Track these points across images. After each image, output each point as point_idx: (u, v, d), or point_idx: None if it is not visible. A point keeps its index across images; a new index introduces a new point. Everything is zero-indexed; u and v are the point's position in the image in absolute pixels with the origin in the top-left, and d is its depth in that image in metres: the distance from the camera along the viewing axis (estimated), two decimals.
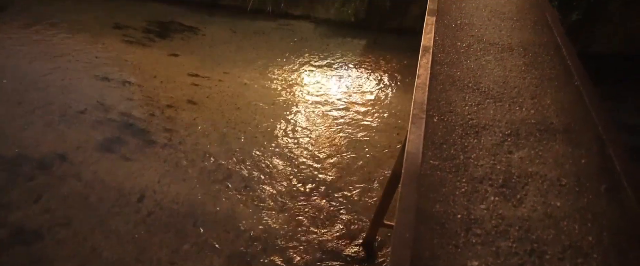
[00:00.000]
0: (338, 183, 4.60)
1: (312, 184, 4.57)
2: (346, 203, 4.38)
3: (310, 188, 4.52)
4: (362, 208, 4.35)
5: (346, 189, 4.54)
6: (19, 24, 7.50)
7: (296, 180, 4.61)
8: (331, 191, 4.50)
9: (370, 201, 4.41)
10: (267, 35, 7.62)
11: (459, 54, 3.40)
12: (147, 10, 8.13)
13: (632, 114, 5.26)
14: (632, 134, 4.70)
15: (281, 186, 4.54)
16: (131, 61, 6.61)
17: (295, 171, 4.72)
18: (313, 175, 4.68)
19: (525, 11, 4.05)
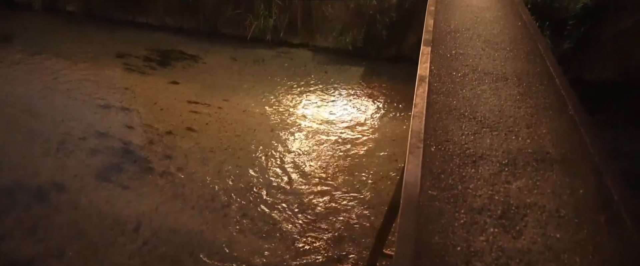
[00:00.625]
0: (337, 210, 4.56)
1: (311, 211, 4.53)
2: (345, 230, 4.33)
3: (309, 216, 4.48)
4: (361, 235, 4.29)
5: (345, 216, 4.50)
6: (23, 53, 7.64)
7: (295, 208, 4.57)
8: (330, 218, 4.45)
9: (370, 228, 4.35)
10: (266, 63, 7.75)
11: (454, 84, 3.46)
12: (149, 40, 8.31)
13: (626, 141, 5.30)
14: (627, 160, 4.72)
15: (280, 214, 4.50)
16: (132, 88, 6.69)
17: (294, 198, 4.69)
18: (312, 202, 4.64)
19: (518, 41, 4.15)
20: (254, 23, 8.23)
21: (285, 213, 4.51)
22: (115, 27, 8.76)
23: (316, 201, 4.68)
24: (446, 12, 5.08)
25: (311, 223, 4.42)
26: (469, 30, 4.46)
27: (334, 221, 4.44)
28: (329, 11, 7.99)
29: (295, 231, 4.32)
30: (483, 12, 4.95)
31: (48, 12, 9.15)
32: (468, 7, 5.16)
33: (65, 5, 9.21)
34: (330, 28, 8.11)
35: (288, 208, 4.58)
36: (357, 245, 4.23)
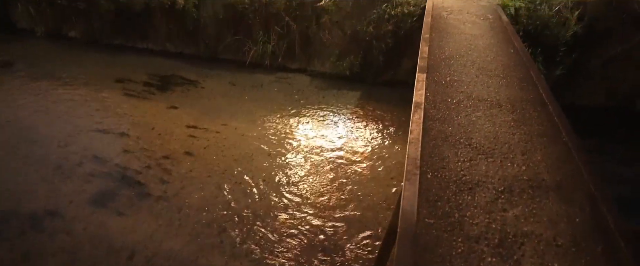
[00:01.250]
0: (334, 235, 4.51)
1: (309, 238, 4.48)
2: (343, 258, 4.27)
3: (306, 242, 4.42)
4: (359, 263, 4.22)
5: (342, 242, 4.44)
6: (23, 78, 7.72)
7: (292, 234, 4.52)
8: (328, 244, 4.40)
9: (368, 255, 4.29)
10: (265, 87, 7.84)
11: (449, 110, 3.51)
12: (149, 65, 8.43)
13: (619, 165, 5.34)
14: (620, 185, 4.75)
15: (277, 240, 4.44)
16: (130, 113, 6.73)
17: (291, 224, 4.65)
18: (309, 229, 4.59)
19: (511, 68, 4.25)
20: (253, 49, 8.38)
21: (282, 240, 4.45)
22: (116, 53, 8.90)
23: (314, 227, 4.63)
24: (440, 39, 5.21)
25: (309, 250, 4.36)
26: (463, 58, 4.57)
27: (332, 248, 4.38)
28: (326, 37, 8.15)
29: (292, 258, 4.25)
30: (476, 40, 5.09)
31: (50, 38, 9.30)
32: (462, 35, 5.30)
33: (67, 31, 9.38)
34: (327, 53, 8.25)
35: (285, 234, 4.52)
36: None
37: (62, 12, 9.06)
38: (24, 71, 8.00)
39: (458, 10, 6.33)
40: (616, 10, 5.88)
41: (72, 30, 9.31)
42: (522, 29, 6.12)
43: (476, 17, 6.02)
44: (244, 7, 8.15)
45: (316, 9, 7.95)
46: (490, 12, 6.18)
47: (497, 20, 5.81)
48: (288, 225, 4.63)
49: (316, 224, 4.66)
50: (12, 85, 7.47)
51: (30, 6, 9.05)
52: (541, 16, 6.13)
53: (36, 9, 9.06)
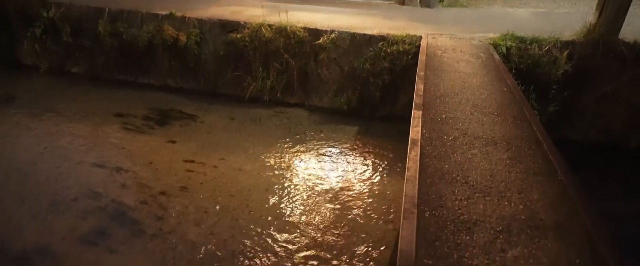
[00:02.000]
0: None
1: None
2: None
3: None
4: None
5: None
6: (23, 113, 7.78)
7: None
8: None
9: None
10: (263, 122, 7.92)
11: (446, 147, 3.55)
12: (149, 99, 8.55)
13: (615, 202, 5.33)
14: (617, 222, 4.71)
15: None
16: (128, 147, 6.74)
17: (289, 263, 4.54)
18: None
19: (505, 106, 4.34)
20: (252, 84, 8.54)
21: None
22: (117, 88, 9.05)
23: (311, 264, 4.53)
24: (435, 77, 5.35)
25: None
26: (457, 95, 4.67)
27: None
28: (324, 73, 8.33)
29: None
30: (470, 78, 5.22)
31: (53, 74, 9.47)
32: (456, 73, 5.45)
33: (70, 67, 9.58)
34: (325, 89, 8.41)
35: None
36: None
37: (66, 49, 9.30)
38: (24, 105, 8.09)
39: (451, 49, 6.54)
40: (603, 51, 6.09)
41: (75, 66, 9.51)
42: (514, 67, 6.30)
43: (469, 55, 6.21)
44: (245, 44, 8.39)
45: (314, 47, 8.19)
46: (483, 51, 6.38)
47: (489, 59, 6.00)
48: (284, 264, 4.52)
49: (313, 263, 4.55)
50: (11, 120, 7.53)
51: (36, 44, 9.29)
52: (532, 55, 6.34)
53: (42, 46, 9.30)
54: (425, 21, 8.69)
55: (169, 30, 8.58)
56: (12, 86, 8.92)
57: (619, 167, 6.28)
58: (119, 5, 9.10)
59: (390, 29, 7.99)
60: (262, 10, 8.90)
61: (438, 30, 7.92)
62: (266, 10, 8.96)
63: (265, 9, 9.00)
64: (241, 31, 8.37)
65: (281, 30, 8.15)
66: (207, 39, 8.68)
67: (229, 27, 8.52)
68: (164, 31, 8.54)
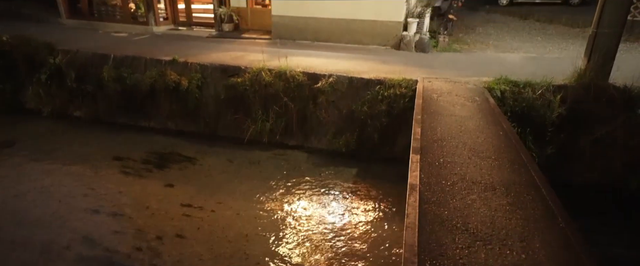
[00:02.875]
0: None
1: None
2: None
3: None
4: None
5: None
6: (23, 158, 7.80)
7: None
8: None
9: None
10: (262, 164, 7.91)
11: (444, 193, 3.53)
12: (149, 143, 8.59)
13: (617, 247, 5.21)
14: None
15: None
16: (126, 192, 6.68)
17: None
18: None
19: (502, 150, 4.36)
20: (252, 126, 8.62)
21: None
22: (118, 131, 9.12)
23: None
24: (432, 120, 5.42)
25: None
26: (454, 139, 4.71)
27: None
28: (323, 115, 8.44)
29: None
30: (466, 121, 5.30)
31: (56, 118, 9.59)
32: (452, 117, 5.53)
33: (73, 111, 9.72)
34: (324, 131, 8.48)
35: None
36: None
37: (69, 94, 9.49)
38: (23, 149, 8.12)
39: (447, 93, 6.68)
40: (595, 95, 6.24)
41: (78, 110, 9.65)
42: (509, 110, 6.41)
43: (464, 99, 6.34)
44: (245, 88, 8.57)
45: (313, 90, 8.36)
46: (478, 95, 6.52)
47: (484, 103, 6.12)
48: None
49: None
50: (9, 164, 7.52)
51: (40, 89, 9.49)
52: (526, 98, 6.47)
53: (46, 91, 9.50)
54: (421, 65, 8.95)
55: (172, 75, 8.80)
56: (13, 130, 9.00)
57: (620, 210, 6.20)
58: (124, 51, 9.42)
59: (387, 72, 8.21)
60: (262, 55, 9.19)
61: (433, 74, 8.13)
62: (266, 55, 9.25)
63: (266, 54, 9.29)
64: (242, 75, 8.58)
65: (281, 74, 8.36)
66: (209, 83, 8.88)
67: (230, 71, 8.75)
68: (167, 76, 8.76)
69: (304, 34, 11.62)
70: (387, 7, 10.60)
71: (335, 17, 11.16)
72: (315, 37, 11.54)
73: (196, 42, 11.42)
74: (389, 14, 10.66)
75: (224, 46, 10.93)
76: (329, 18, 11.22)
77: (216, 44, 11.10)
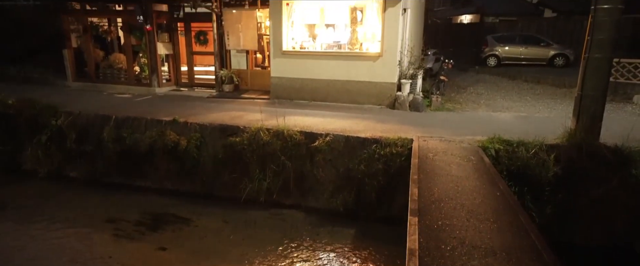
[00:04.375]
0: None
1: None
2: None
3: None
4: None
5: None
6: (14, 221, 7.62)
7: None
8: None
9: None
10: (258, 225, 7.75)
11: (444, 258, 3.44)
12: (144, 203, 8.47)
13: None
14: None
15: None
16: (116, 256, 6.44)
17: None
18: None
19: (500, 212, 4.33)
20: (249, 186, 8.57)
21: None
22: (113, 192, 9.03)
23: None
24: (428, 180, 5.43)
25: None
26: (452, 200, 4.69)
27: None
28: (320, 174, 8.44)
29: None
30: (463, 181, 5.31)
31: (51, 179, 9.53)
32: (448, 176, 5.55)
33: (69, 171, 9.70)
34: (321, 190, 8.43)
35: None
36: None
37: (67, 154, 9.54)
38: (14, 213, 7.96)
39: (443, 152, 6.77)
40: (587, 155, 6.33)
41: (74, 170, 9.64)
42: (505, 169, 6.46)
43: (460, 158, 6.41)
44: (243, 147, 8.67)
45: (310, 149, 8.45)
46: (473, 154, 6.61)
47: (480, 162, 6.18)
48: None
49: None
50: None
51: (39, 150, 9.56)
52: (520, 158, 6.55)
53: (45, 152, 9.56)
54: (415, 124, 9.17)
55: (171, 135, 8.94)
56: (6, 193, 8.89)
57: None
58: (126, 112, 9.65)
59: (383, 131, 8.38)
60: (261, 115, 9.43)
61: (428, 132, 8.30)
62: (265, 115, 9.48)
63: (264, 114, 9.53)
64: (240, 135, 8.72)
65: (278, 133, 8.51)
66: (207, 142, 8.99)
67: (229, 131, 8.91)
68: (166, 136, 8.90)
69: (301, 94, 12.02)
70: (381, 69, 11.12)
71: (331, 78, 11.64)
72: (313, 97, 11.93)
73: (197, 103, 11.76)
74: (383, 75, 11.15)
75: (224, 105, 11.25)
76: (326, 79, 11.70)
77: (216, 104, 11.42)
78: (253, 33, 12.66)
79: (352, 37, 11.87)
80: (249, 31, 12.66)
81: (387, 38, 10.88)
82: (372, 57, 11.19)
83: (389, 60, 11.00)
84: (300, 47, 12.25)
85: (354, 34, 11.87)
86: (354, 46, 11.80)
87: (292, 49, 12.11)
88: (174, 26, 14.01)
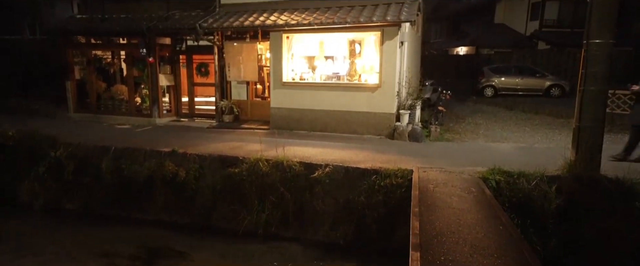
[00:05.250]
0: None
1: None
2: None
3: None
4: None
5: None
6: (7, 255, 7.42)
7: None
8: None
9: None
10: (256, 259, 7.57)
11: None
12: (140, 236, 8.29)
13: None
14: None
15: None
16: None
17: None
18: None
19: (503, 247, 4.24)
20: (247, 218, 8.44)
21: None
22: (109, 224, 8.86)
23: None
24: (430, 213, 5.36)
25: None
26: (454, 234, 4.61)
27: None
28: (319, 206, 8.34)
29: None
30: (464, 215, 5.24)
31: (47, 211, 9.39)
32: (450, 209, 5.48)
33: (65, 204, 9.56)
34: (321, 221, 8.29)
35: None
36: None
37: (64, 186, 9.45)
38: (5, 248, 7.76)
39: (443, 184, 6.72)
40: (589, 186, 6.28)
41: (71, 202, 9.51)
42: (507, 201, 6.38)
43: (461, 190, 6.35)
44: (242, 178, 8.61)
45: (310, 180, 8.40)
46: (474, 185, 6.55)
47: (481, 194, 6.12)
48: None
49: None
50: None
51: (36, 182, 9.48)
52: (522, 189, 6.49)
53: (41, 184, 9.47)
54: (415, 155, 9.15)
55: (169, 166, 8.90)
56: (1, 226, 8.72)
57: None
58: (126, 143, 9.65)
59: (383, 162, 8.35)
60: (260, 145, 9.43)
61: (428, 163, 8.27)
62: (264, 145, 9.49)
63: (264, 144, 9.54)
64: (239, 166, 8.68)
65: (278, 164, 8.48)
66: (206, 173, 8.94)
67: (228, 162, 8.88)
68: (165, 167, 8.85)
69: (301, 125, 12.09)
70: (379, 100, 11.25)
71: (330, 109, 11.75)
72: (312, 128, 11.99)
73: (197, 133, 11.80)
74: (382, 106, 11.27)
75: (224, 136, 11.28)
76: (325, 110, 11.81)
77: (216, 135, 11.45)
78: (254, 65, 12.90)
79: (350, 68, 12.10)
80: (249, 63, 12.90)
81: (385, 70, 11.09)
82: (371, 88, 11.35)
83: (388, 91, 11.15)
84: (300, 78, 12.46)
85: (352, 66, 12.10)
86: (353, 77, 12.00)
87: (292, 80, 12.31)
88: (176, 58, 14.30)
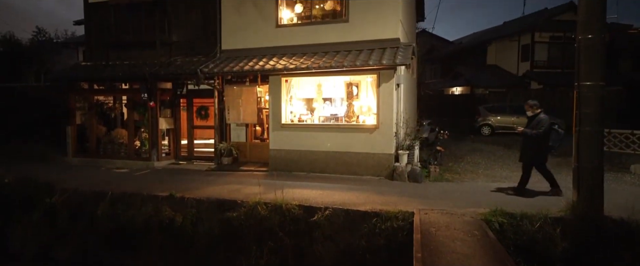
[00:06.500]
0: None
1: None
2: None
3: None
4: None
5: None
6: None
7: None
8: None
9: None
10: None
11: None
12: None
13: None
14: None
15: None
16: None
17: None
18: None
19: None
20: (245, 264, 8.16)
21: None
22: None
23: None
24: (433, 258, 5.22)
25: None
26: None
27: None
28: (319, 251, 8.10)
29: None
30: (469, 260, 5.09)
31: (37, 261, 9.09)
32: (454, 254, 5.34)
33: (57, 251, 9.27)
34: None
35: None
36: None
37: (57, 233, 9.22)
38: None
39: (445, 226, 6.59)
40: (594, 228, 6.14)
41: (62, 251, 9.21)
42: (512, 245, 6.22)
43: (463, 233, 6.22)
44: (240, 222, 8.44)
45: (309, 224, 8.24)
46: (476, 228, 6.42)
47: (484, 237, 5.98)
48: None
49: None
50: None
51: (29, 230, 9.27)
52: (526, 231, 6.35)
53: (34, 232, 9.25)
54: (415, 196, 9.05)
55: (166, 211, 8.75)
56: None
57: None
58: (123, 188, 9.54)
59: (383, 204, 8.24)
60: (258, 188, 9.34)
61: (428, 205, 8.16)
62: (263, 188, 9.40)
63: (262, 187, 9.45)
64: (237, 210, 8.54)
65: (276, 208, 8.34)
66: (203, 218, 8.76)
67: (225, 206, 8.74)
68: (162, 212, 8.70)
69: (300, 166, 12.05)
70: (378, 141, 11.31)
71: (329, 150, 11.78)
72: (311, 169, 11.94)
73: (195, 176, 11.71)
74: (381, 147, 11.30)
75: (222, 179, 11.19)
76: (324, 151, 11.83)
77: (215, 178, 11.37)
78: (253, 107, 13.10)
79: (348, 110, 12.28)
80: (249, 106, 13.11)
81: (383, 111, 11.25)
82: (369, 129, 11.45)
83: (386, 132, 11.24)
84: (299, 120, 12.61)
85: (350, 108, 12.29)
86: (351, 118, 12.15)
87: (290, 122, 12.45)
88: (176, 102, 14.54)
